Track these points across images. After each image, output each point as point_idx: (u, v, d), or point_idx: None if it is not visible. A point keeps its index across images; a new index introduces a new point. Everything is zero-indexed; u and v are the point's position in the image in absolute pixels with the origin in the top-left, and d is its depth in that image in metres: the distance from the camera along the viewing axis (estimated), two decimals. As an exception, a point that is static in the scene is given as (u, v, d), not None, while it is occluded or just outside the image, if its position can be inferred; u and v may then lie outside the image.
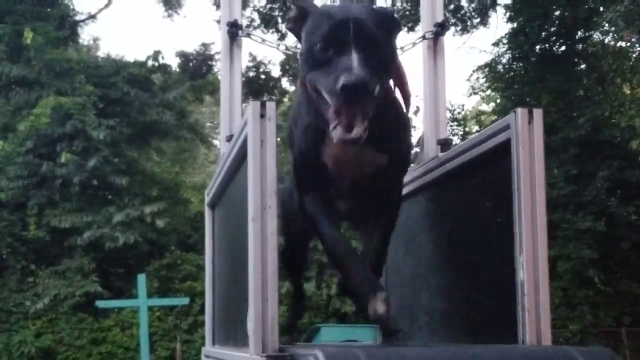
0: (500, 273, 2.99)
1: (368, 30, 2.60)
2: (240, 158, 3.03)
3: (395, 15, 2.90)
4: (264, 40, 4.30)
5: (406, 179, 3.53)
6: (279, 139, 2.97)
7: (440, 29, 3.94)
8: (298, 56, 2.87)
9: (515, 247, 2.83)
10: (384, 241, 3.26)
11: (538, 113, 2.86)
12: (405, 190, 3.63)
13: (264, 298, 2.60)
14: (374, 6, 2.94)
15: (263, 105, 2.70)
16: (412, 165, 3.76)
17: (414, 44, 3.93)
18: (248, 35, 4.13)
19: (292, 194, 3.37)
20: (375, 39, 2.60)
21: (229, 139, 3.76)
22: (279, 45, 4.29)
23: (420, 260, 3.77)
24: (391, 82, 2.95)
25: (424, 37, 3.94)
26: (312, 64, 2.64)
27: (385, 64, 2.67)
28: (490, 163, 3.13)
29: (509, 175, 2.88)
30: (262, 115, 2.68)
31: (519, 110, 2.86)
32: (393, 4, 19.71)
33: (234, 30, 4.01)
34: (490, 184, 3.15)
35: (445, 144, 3.76)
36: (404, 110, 3.22)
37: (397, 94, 3.13)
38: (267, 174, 2.67)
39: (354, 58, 2.49)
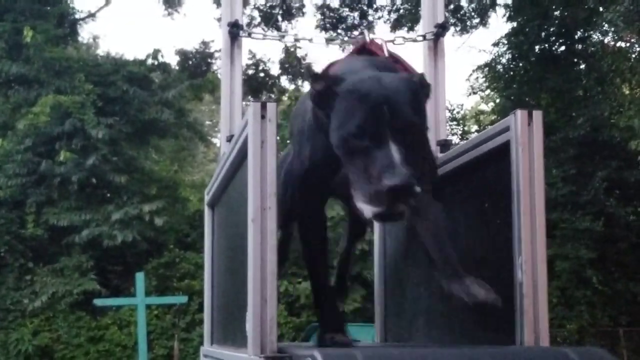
0: (498, 274, 3.00)
1: (405, 114, 2.53)
2: (241, 158, 3.04)
3: (425, 80, 2.82)
4: (265, 36, 4.30)
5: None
6: (279, 139, 2.96)
7: (441, 30, 3.95)
8: (328, 126, 2.71)
9: (514, 248, 2.84)
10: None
11: (538, 115, 2.87)
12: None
13: (263, 299, 2.61)
14: (404, 77, 2.79)
15: (264, 106, 2.70)
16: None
17: (415, 40, 3.94)
18: (249, 35, 4.13)
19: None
20: (412, 123, 2.54)
21: (230, 139, 3.77)
22: (282, 37, 4.28)
23: (419, 260, 3.77)
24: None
25: (424, 38, 3.95)
26: (349, 155, 2.55)
27: (422, 145, 2.64)
28: (489, 164, 3.14)
29: (509, 176, 2.89)
30: (263, 116, 2.69)
31: (519, 112, 2.87)
32: (393, 3, 19.75)
33: (235, 31, 4.01)
34: (490, 185, 3.16)
35: (445, 145, 3.77)
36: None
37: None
38: (267, 174, 2.68)
39: (395, 153, 2.42)
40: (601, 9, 15.89)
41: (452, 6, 18.45)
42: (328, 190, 3.12)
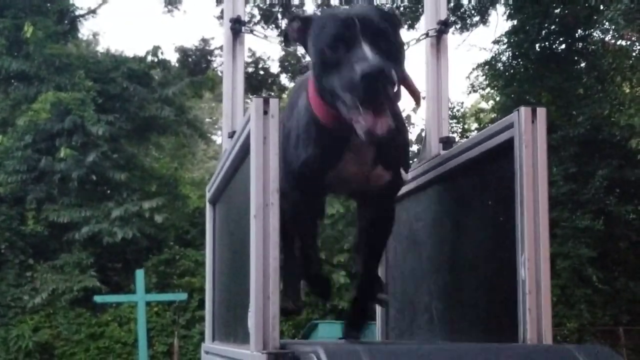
0: (501, 272, 2.99)
1: (375, 23, 2.59)
2: (243, 155, 3.03)
3: (395, 12, 2.90)
4: (266, 36, 4.29)
5: (408, 176, 3.52)
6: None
7: (444, 26, 3.93)
8: (309, 66, 2.84)
9: (517, 246, 2.83)
10: (376, 257, 3.44)
11: (541, 112, 2.86)
12: (406, 188, 3.63)
13: (265, 295, 2.60)
14: (375, 4, 2.93)
15: (266, 102, 2.69)
16: (414, 162, 3.76)
17: (418, 40, 3.92)
18: (251, 31, 4.12)
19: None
20: (382, 30, 2.59)
21: (231, 135, 3.76)
22: (281, 41, 4.26)
23: (421, 258, 3.76)
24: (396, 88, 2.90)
25: (427, 35, 3.93)
26: (324, 67, 2.60)
27: (396, 52, 2.66)
28: (492, 162, 3.13)
29: (512, 174, 2.88)
30: (265, 112, 2.68)
31: (522, 109, 2.86)
32: (393, 1, 19.72)
33: (237, 27, 4.00)
34: (493, 182, 3.15)
35: (447, 142, 3.76)
36: (405, 123, 3.26)
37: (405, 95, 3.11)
38: (270, 170, 2.66)
39: (366, 49, 2.47)
40: (602, 7, 15.89)
41: (452, 4, 18.43)
42: (324, 184, 3.11)
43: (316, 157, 2.90)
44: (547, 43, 17.92)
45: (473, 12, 19.97)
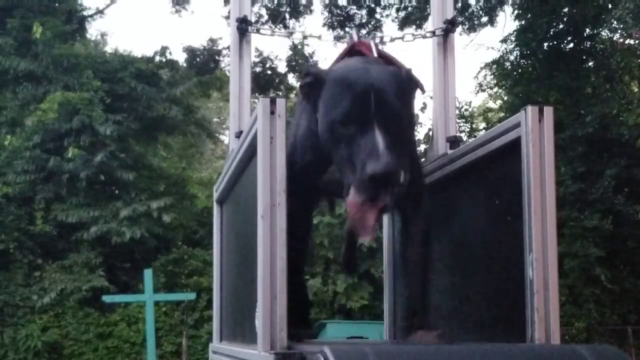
0: (509, 271, 2.99)
1: (390, 102, 2.54)
2: (250, 154, 3.03)
3: (411, 74, 2.84)
4: (273, 32, 4.29)
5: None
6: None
7: (451, 25, 3.93)
8: (317, 118, 2.76)
9: (525, 245, 2.82)
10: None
11: (549, 111, 2.85)
12: (414, 187, 3.62)
13: (273, 295, 2.60)
14: (391, 69, 2.83)
15: (273, 101, 2.69)
16: (421, 161, 3.76)
17: (424, 36, 3.92)
18: (257, 31, 4.12)
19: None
20: (397, 113, 2.55)
21: (238, 135, 3.76)
22: (290, 34, 4.25)
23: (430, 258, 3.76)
24: None
25: (434, 34, 3.93)
26: (334, 141, 2.59)
27: (407, 136, 2.64)
28: (500, 161, 3.13)
29: (519, 173, 2.88)
30: (272, 112, 2.68)
31: (530, 108, 2.86)
32: (400, 1, 19.69)
33: (244, 27, 4.00)
34: (500, 181, 3.14)
35: (454, 142, 3.76)
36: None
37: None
38: (277, 170, 2.67)
39: (379, 140, 2.43)
40: (610, 6, 15.85)
41: (459, 4, 18.41)
42: (316, 191, 3.12)
43: (310, 165, 2.92)
44: (555, 42, 17.88)
45: (481, 12, 19.94)
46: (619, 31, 16.75)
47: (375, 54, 3.20)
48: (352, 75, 2.67)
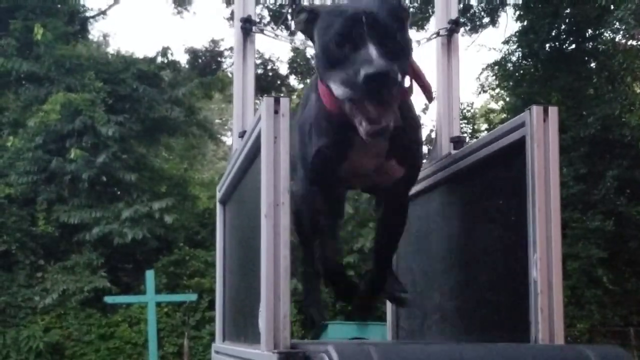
0: (513, 271, 2.98)
1: (381, 21, 2.57)
2: (253, 154, 3.03)
3: (404, 5, 2.85)
4: (277, 35, 4.28)
5: (419, 176, 3.51)
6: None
7: (455, 26, 3.92)
8: (312, 59, 2.84)
9: (529, 245, 2.82)
10: (390, 249, 3.40)
11: (553, 111, 2.85)
12: (417, 188, 3.62)
13: (276, 295, 2.60)
14: None
15: (277, 101, 2.69)
16: (424, 162, 3.75)
17: (429, 39, 3.91)
18: (261, 31, 4.11)
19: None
20: (389, 29, 2.58)
21: (242, 135, 3.76)
22: (292, 40, 4.26)
23: (432, 257, 3.76)
24: (407, 82, 2.90)
25: (438, 34, 3.92)
26: (329, 63, 2.60)
27: (402, 52, 2.65)
28: (504, 161, 3.12)
29: (523, 173, 2.87)
30: (276, 112, 2.68)
31: (534, 108, 2.85)
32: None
33: (248, 26, 4.00)
34: (504, 182, 3.14)
35: (458, 142, 3.75)
36: (418, 117, 3.23)
37: (416, 89, 3.09)
38: (280, 170, 2.66)
39: (372, 49, 2.46)
40: (612, 7, 15.84)
41: (461, 5, 18.41)
42: (339, 178, 3.09)
43: (328, 147, 2.89)
44: (557, 43, 17.89)
45: (482, 13, 19.96)
46: (621, 32, 16.77)
47: None
48: (344, 4, 2.74)
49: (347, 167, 2.92)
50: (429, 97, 3.18)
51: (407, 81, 2.86)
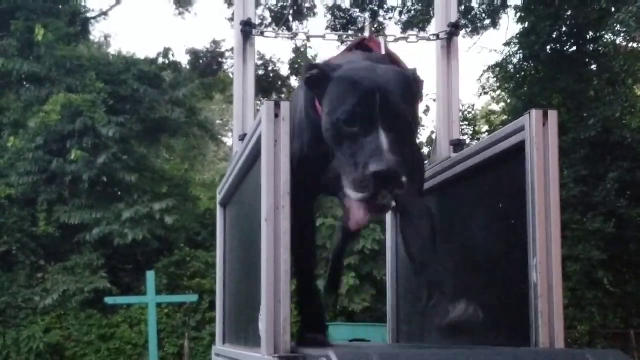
0: (513, 275, 2.98)
1: (395, 101, 2.54)
2: (254, 157, 3.03)
3: (417, 75, 2.82)
4: (277, 36, 4.29)
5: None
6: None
7: (454, 29, 3.93)
8: (322, 115, 2.75)
9: (529, 249, 2.82)
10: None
11: (553, 115, 2.85)
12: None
13: (277, 298, 2.60)
14: (397, 69, 2.83)
15: (277, 105, 2.69)
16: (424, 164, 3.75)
17: (428, 39, 3.92)
18: (261, 33, 4.12)
19: None
20: (402, 113, 2.55)
21: (242, 137, 3.76)
22: (294, 36, 4.26)
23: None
24: None
25: (437, 37, 3.93)
26: (338, 140, 2.57)
27: (411, 138, 2.64)
28: (504, 164, 3.12)
29: (523, 176, 2.87)
30: (276, 115, 2.68)
31: (534, 111, 2.85)
32: (404, 4, 19.70)
33: (248, 29, 4.00)
34: (504, 185, 3.14)
35: (458, 145, 3.76)
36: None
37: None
38: (281, 173, 2.66)
39: (383, 140, 2.43)
40: (613, 9, 15.83)
41: (462, 7, 18.41)
42: (318, 185, 3.10)
43: (311, 157, 2.90)
44: (558, 45, 17.87)
45: (484, 15, 19.95)
46: (622, 34, 16.75)
47: (383, 52, 3.19)
48: (359, 74, 2.65)
49: (331, 176, 2.91)
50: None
51: None
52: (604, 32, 17.29)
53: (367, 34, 3.40)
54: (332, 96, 2.65)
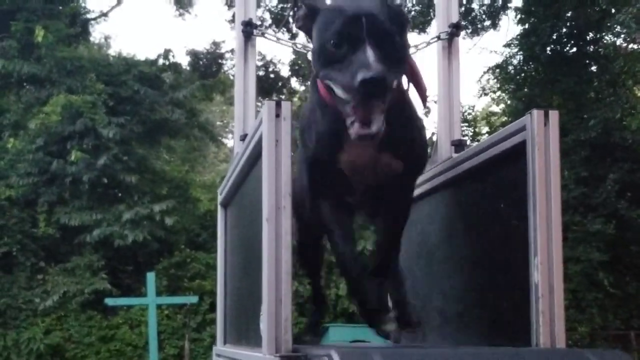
0: (514, 275, 2.98)
1: (381, 24, 2.57)
2: (255, 157, 3.03)
3: (404, 10, 2.87)
4: (278, 39, 4.29)
5: (420, 179, 3.52)
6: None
7: (455, 29, 3.92)
8: (310, 55, 2.83)
9: (530, 249, 2.82)
10: (393, 243, 3.30)
11: (554, 115, 2.85)
12: (419, 191, 3.62)
13: (278, 298, 2.60)
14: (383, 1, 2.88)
15: (278, 104, 2.69)
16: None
17: (429, 43, 3.91)
18: (262, 34, 4.11)
19: (303, 190, 3.25)
20: (388, 32, 2.58)
21: (243, 138, 3.76)
22: (294, 43, 4.26)
23: (433, 261, 3.76)
24: (405, 81, 2.92)
25: (438, 38, 3.93)
26: (326, 62, 2.61)
27: (400, 57, 2.65)
28: (505, 165, 3.12)
29: (524, 177, 2.87)
30: (277, 115, 2.68)
31: (535, 112, 2.85)
32: (404, 5, 19.69)
33: (249, 30, 4.00)
34: (505, 185, 3.14)
35: (459, 145, 3.75)
36: (419, 114, 3.20)
37: (412, 91, 3.10)
38: (282, 173, 2.66)
39: (370, 53, 2.46)
40: (613, 10, 15.85)
41: (463, 9, 18.41)
42: (338, 171, 3.07)
43: (324, 136, 2.90)
44: (558, 46, 17.88)
45: (484, 16, 19.96)
46: (622, 36, 16.78)
47: None
48: (345, 3, 2.71)
49: (344, 160, 2.90)
50: (424, 100, 3.18)
51: (404, 81, 2.88)
52: (604, 34, 17.31)
53: None
54: (320, 25, 2.69)
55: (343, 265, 3.09)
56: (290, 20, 21.01)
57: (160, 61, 18.87)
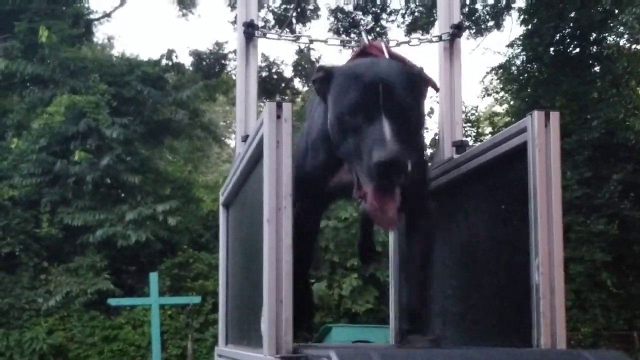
0: (515, 276, 2.98)
1: (398, 94, 2.55)
2: (256, 158, 3.03)
3: (423, 73, 2.84)
4: (280, 36, 4.29)
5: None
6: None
7: (457, 30, 3.93)
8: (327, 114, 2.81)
9: (531, 250, 2.82)
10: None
11: (555, 116, 2.85)
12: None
13: (279, 299, 2.60)
14: (401, 64, 2.84)
15: (279, 106, 2.69)
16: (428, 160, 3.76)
17: (430, 41, 3.92)
18: (264, 35, 4.12)
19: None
20: (405, 104, 2.55)
21: (245, 139, 3.76)
22: (297, 38, 4.26)
23: (434, 262, 3.75)
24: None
25: (440, 38, 3.93)
26: (342, 132, 2.59)
27: (417, 130, 2.64)
28: (506, 165, 3.13)
29: (525, 178, 2.88)
30: (279, 116, 2.68)
31: (536, 113, 2.85)
32: (407, 6, 19.71)
33: (250, 31, 4.00)
34: (506, 186, 3.14)
35: (460, 146, 3.75)
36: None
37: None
38: (283, 174, 2.67)
39: (386, 129, 2.44)
40: (616, 11, 15.83)
41: (466, 9, 18.41)
42: (326, 194, 3.12)
43: (320, 163, 2.92)
44: (561, 47, 17.86)
45: (487, 17, 19.95)
46: (625, 36, 16.75)
47: (386, 55, 3.19)
48: (361, 68, 2.68)
49: (336, 181, 2.96)
50: (433, 85, 3.17)
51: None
52: (607, 34, 17.29)
53: (365, 41, 3.41)
54: (336, 91, 2.68)
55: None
56: (294, 21, 21.03)
57: (164, 61, 18.88)
